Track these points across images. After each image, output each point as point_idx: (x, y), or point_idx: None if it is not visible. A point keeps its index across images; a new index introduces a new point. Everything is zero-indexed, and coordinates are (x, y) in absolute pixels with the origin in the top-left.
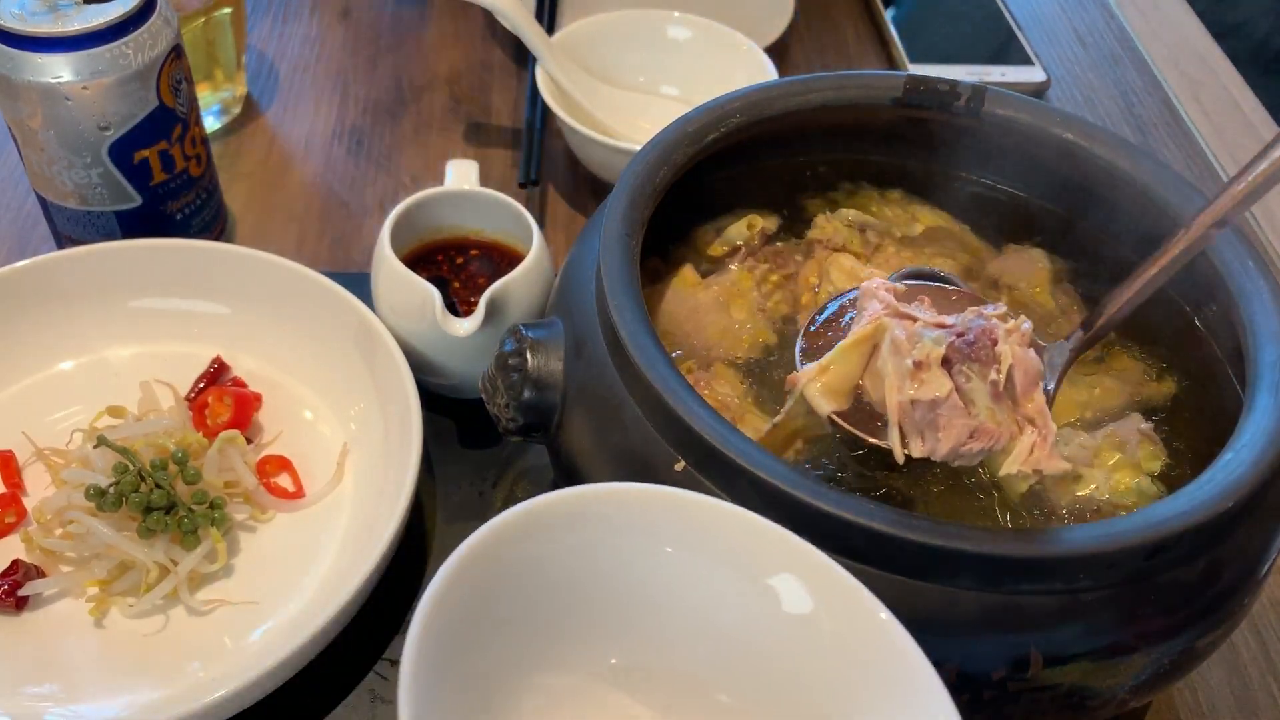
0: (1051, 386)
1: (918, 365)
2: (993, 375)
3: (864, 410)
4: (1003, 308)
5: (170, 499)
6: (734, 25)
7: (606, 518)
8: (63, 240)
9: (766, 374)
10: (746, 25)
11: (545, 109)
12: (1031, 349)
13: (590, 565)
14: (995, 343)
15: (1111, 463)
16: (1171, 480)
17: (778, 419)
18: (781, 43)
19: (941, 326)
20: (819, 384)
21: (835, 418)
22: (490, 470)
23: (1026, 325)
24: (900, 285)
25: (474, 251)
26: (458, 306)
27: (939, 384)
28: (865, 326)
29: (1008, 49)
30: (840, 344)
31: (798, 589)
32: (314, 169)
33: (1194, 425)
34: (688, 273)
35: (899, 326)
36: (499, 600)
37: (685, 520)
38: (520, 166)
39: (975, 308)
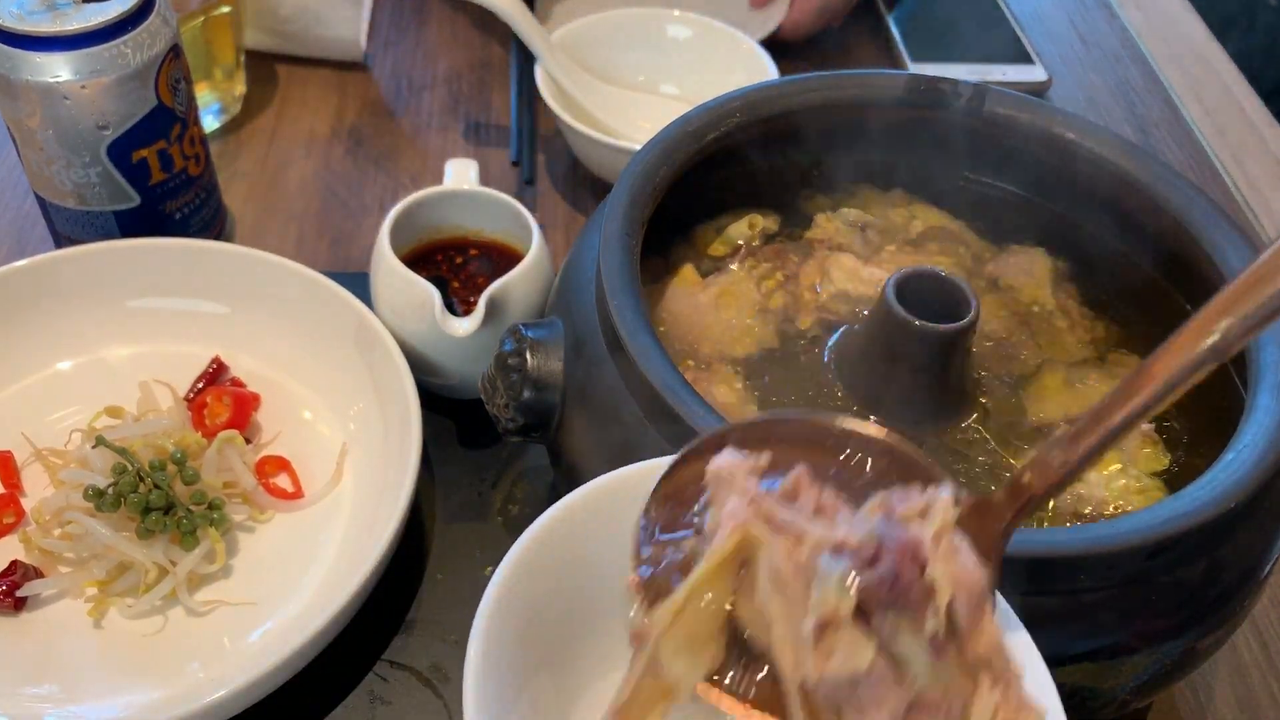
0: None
1: (821, 628)
2: (930, 624)
3: (748, 655)
4: (916, 498)
5: (169, 499)
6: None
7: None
8: (61, 240)
9: (766, 374)
10: (739, 18)
11: (534, 104)
12: (964, 547)
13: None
14: (923, 567)
15: (1112, 463)
16: (1172, 481)
17: (623, 694)
18: (780, 41)
19: (840, 547)
20: (677, 639)
21: (711, 685)
22: (490, 470)
23: (952, 507)
24: (764, 459)
25: (473, 251)
26: (457, 306)
27: (857, 653)
28: (725, 542)
29: (1009, 48)
30: (691, 577)
31: None
32: (313, 168)
33: (1195, 426)
34: (688, 272)
35: (776, 543)
36: (556, 597)
37: None
38: (523, 165)
39: (880, 501)
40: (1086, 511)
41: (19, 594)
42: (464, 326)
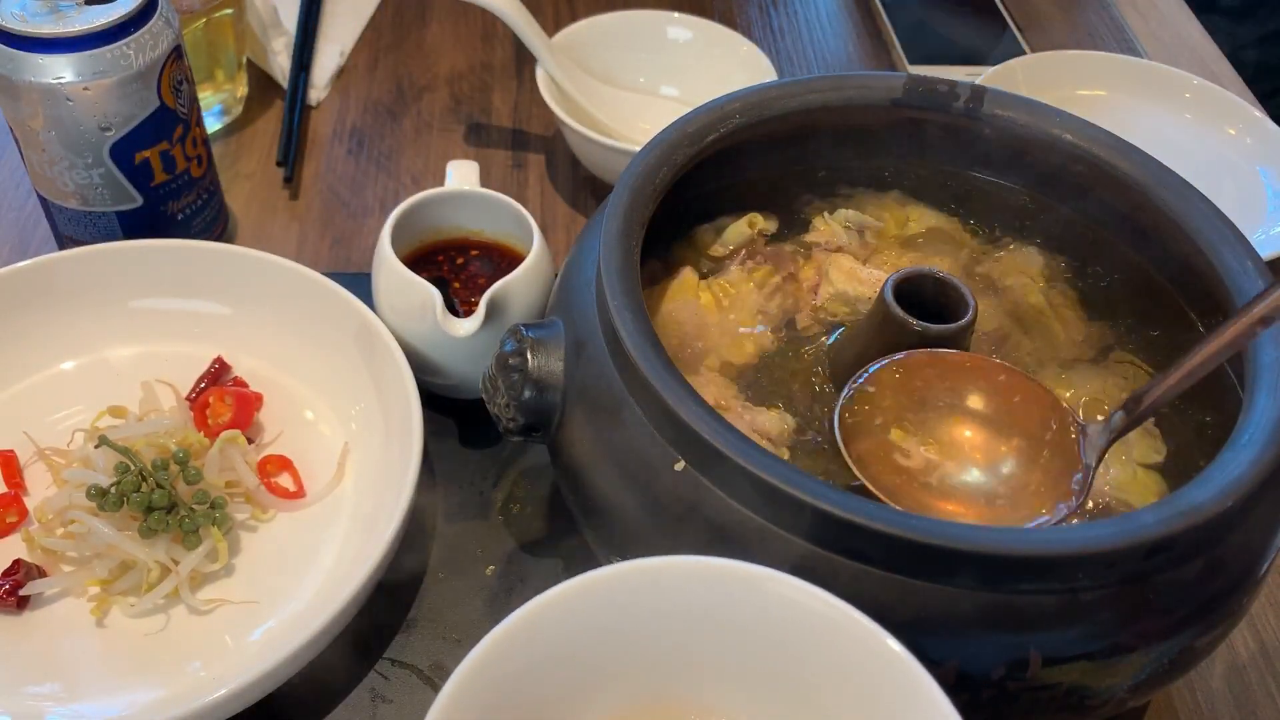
0: (1093, 463)
1: None
2: None
3: None
4: None
5: (171, 499)
6: None
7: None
8: (64, 240)
9: (765, 374)
10: None
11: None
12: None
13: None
14: None
15: (1110, 461)
16: (1170, 480)
17: None
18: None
19: None
20: None
21: None
22: (490, 470)
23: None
24: None
25: (474, 252)
26: (458, 307)
27: None
28: None
29: (1007, 49)
30: None
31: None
32: (314, 169)
33: (1193, 425)
34: (688, 274)
35: None
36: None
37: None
38: (279, 145)
39: None
40: (1086, 510)
41: (22, 593)
42: (465, 327)
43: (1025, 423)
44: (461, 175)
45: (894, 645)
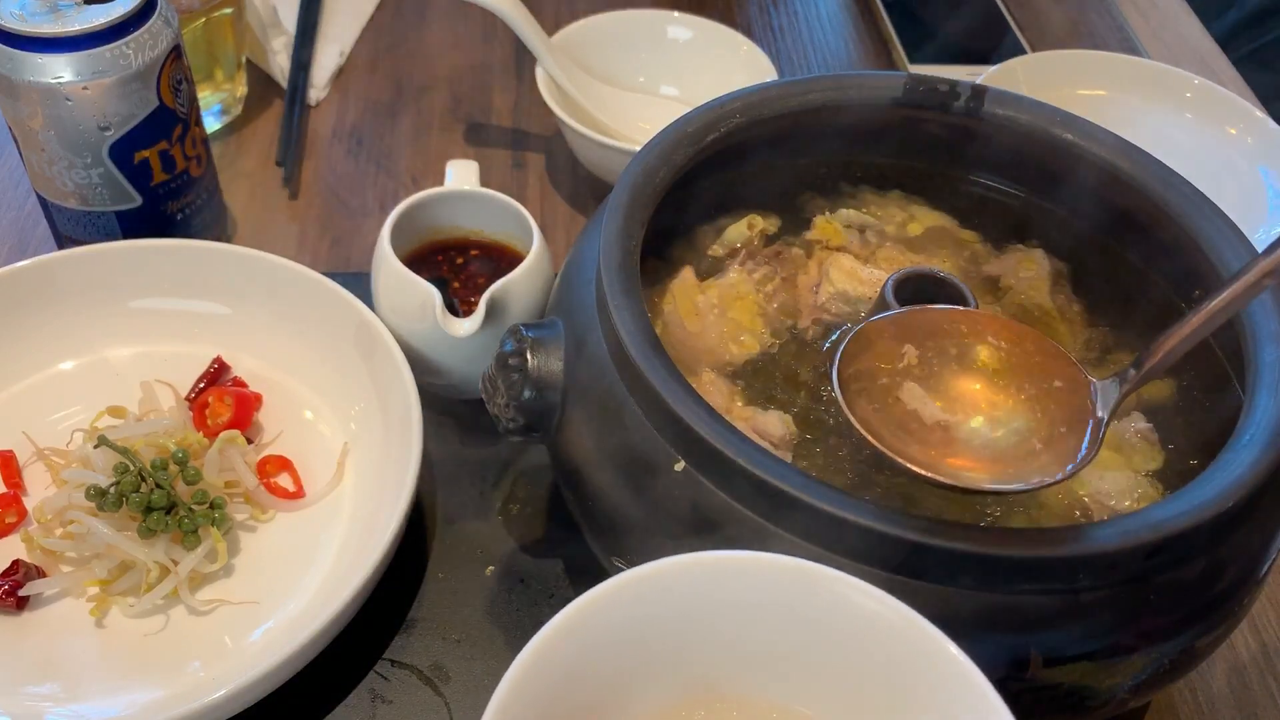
0: (1105, 416)
1: None
2: None
3: None
4: None
5: (171, 499)
6: None
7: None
8: (63, 240)
9: (765, 374)
10: None
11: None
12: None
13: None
14: None
15: (1111, 462)
16: (1171, 480)
17: None
18: (781, 41)
19: None
20: None
21: None
22: (490, 470)
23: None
24: None
25: (474, 252)
26: (458, 307)
27: None
28: None
29: (1008, 49)
30: None
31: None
32: (314, 169)
33: (1193, 425)
34: (687, 274)
35: None
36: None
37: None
38: (279, 144)
39: None
40: (1085, 511)
41: (21, 593)
42: (465, 327)
43: (1035, 376)
44: (461, 175)
45: (952, 649)
